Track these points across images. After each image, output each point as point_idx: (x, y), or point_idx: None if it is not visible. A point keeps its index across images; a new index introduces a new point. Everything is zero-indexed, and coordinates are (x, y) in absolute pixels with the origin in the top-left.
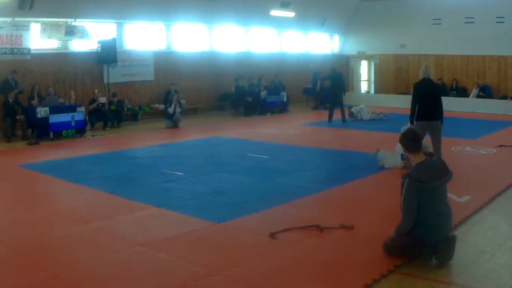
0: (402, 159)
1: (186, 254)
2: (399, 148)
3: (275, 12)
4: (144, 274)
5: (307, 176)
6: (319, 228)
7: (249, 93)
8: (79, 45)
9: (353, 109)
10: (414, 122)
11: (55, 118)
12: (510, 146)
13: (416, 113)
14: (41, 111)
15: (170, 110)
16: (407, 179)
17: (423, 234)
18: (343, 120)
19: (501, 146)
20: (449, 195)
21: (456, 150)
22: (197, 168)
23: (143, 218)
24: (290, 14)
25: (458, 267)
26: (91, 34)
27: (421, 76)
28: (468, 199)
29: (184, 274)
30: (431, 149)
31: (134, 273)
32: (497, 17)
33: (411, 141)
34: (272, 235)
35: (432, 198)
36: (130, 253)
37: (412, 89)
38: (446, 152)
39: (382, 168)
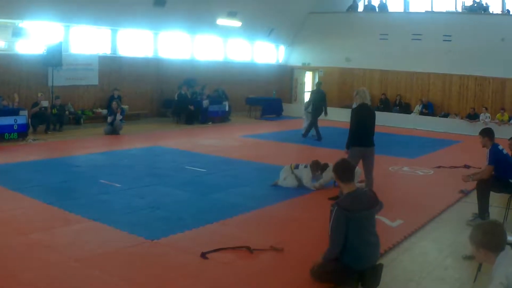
0: (334, 186)
1: (119, 272)
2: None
3: (221, 21)
4: None
5: (242, 192)
6: (250, 250)
7: (192, 101)
8: (25, 47)
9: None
10: (350, 148)
11: None
12: (448, 167)
13: (350, 138)
14: None
15: (109, 119)
16: (335, 208)
17: (350, 261)
18: (310, 135)
19: (439, 167)
20: (382, 218)
21: (393, 170)
22: (135, 180)
23: (79, 231)
24: (237, 23)
25: None
26: (38, 36)
27: (359, 101)
28: (400, 223)
29: None
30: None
31: None
32: (444, 35)
33: (344, 171)
34: (204, 255)
35: (360, 228)
36: (65, 268)
37: (351, 114)
38: (383, 171)
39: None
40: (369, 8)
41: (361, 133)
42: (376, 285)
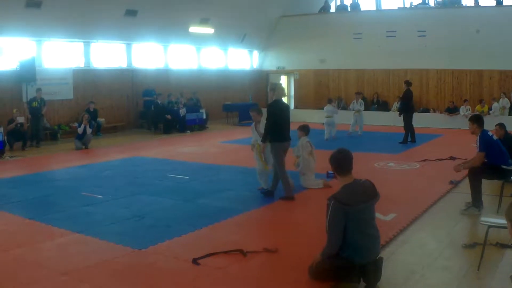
0: (328, 177)
1: (109, 284)
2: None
3: (194, 29)
4: None
5: (227, 196)
6: (243, 253)
7: (169, 111)
8: None
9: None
10: (271, 143)
11: None
12: (434, 160)
13: (271, 134)
14: None
15: (80, 130)
16: (332, 201)
17: (350, 256)
18: (413, 140)
19: (424, 160)
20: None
21: (379, 166)
22: (118, 190)
23: (64, 245)
24: (210, 30)
25: None
26: (10, 52)
27: (274, 97)
28: (394, 217)
29: None
30: None
31: None
32: (418, 31)
33: (341, 162)
34: (195, 261)
35: (359, 220)
36: (53, 283)
37: (268, 110)
38: (369, 168)
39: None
40: (341, 8)
41: (282, 128)
42: (378, 280)
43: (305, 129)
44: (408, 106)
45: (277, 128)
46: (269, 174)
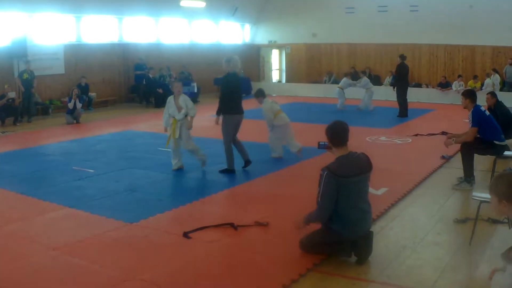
0: (319, 147)
1: (100, 258)
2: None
3: (185, 3)
4: (59, 280)
5: (218, 170)
6: (234, 226)
7: (160, 85)
8: None
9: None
10: (222, 116)
11: None
12: (426, 135)
13: (222, 106)
14: None
15: (70, 105)
16: (326, 172)
17: (341, 229)
18: (405, 114)
19: (416, 135)
20: None
21: (370, 140)
22: (109, 164)
23: (55, 219)
24: (201, 4)
25: (379, 264)
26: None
27: (228, 69)
28: (385, 191)
29: (99, 279)
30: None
31: (49, 278)
32: (411, 6)
33: (336, 134)
34: (186, 235)
35: (351, 193)
36: (44, 258)
37: (222, 82)
38: (360, 142)
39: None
40: None
41: (232, 101)
42: (369, 254)
43: (260, 93)
44: (402, 80)
45: (229, 101)
46: (181, 152)
